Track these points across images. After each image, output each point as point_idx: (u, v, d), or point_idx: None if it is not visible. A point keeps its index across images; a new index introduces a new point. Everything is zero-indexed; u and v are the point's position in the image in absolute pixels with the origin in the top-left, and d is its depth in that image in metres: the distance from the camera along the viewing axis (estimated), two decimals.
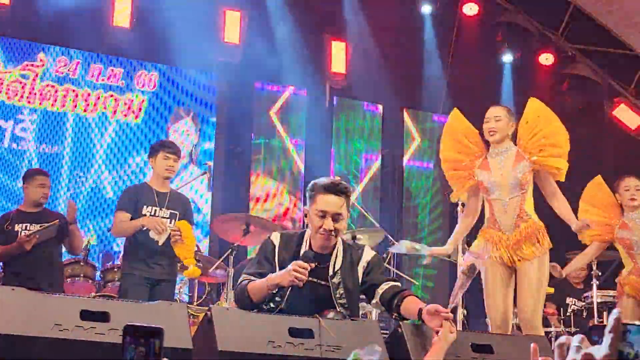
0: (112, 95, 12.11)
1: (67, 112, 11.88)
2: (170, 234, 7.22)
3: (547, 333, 8.83)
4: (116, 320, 3.78)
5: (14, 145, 11.56)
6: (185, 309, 4.18)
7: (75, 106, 11.91)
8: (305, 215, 4.92)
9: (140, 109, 12.25)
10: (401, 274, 10.05)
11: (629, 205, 7.37)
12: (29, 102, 11.68)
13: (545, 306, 9.23)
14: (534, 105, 6.65)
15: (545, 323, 9.20)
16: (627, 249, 7.26)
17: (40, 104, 11.74)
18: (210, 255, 10.62)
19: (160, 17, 11.83)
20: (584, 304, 8.97)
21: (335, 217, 4.76)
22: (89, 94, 12.00)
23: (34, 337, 3.62)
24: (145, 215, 7.38)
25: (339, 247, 4.90)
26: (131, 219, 7.42)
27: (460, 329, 7.53)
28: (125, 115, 12.16)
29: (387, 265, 9.29)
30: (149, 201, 7.44)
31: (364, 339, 4.27)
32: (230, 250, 8.11)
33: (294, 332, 4.14)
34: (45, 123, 11.76)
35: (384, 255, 9.14)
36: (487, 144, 6.59)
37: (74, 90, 11.93)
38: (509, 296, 6.33)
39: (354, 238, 8.67)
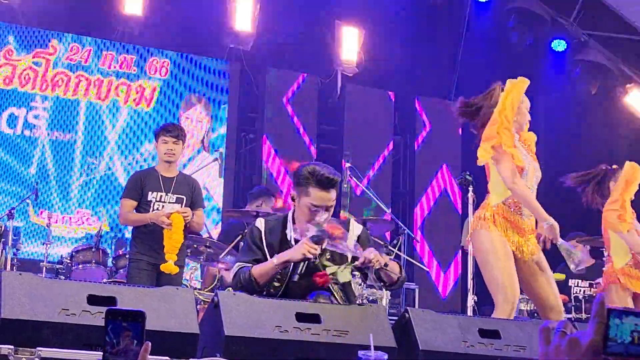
0: (124, 83, 12.13)
1: (79, 100, 11.91)
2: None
3: None
4: (123, 305, 3.79)
5: (27, 132, 11.61)
6: (192, 293, 4.20)
7: (88, 93, 11.94)
8: (293, 199, 4.89)
9: (152, 96, 12.27)
10: (412, 260, 10.05)
11: None
12: (41, 89, 11.73)
13: None
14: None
15: None
16: None
17: (52, 91, 11.78)
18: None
19: (172, 4, 11.86)
20: (595, 289, 8.96)
21: (328, 209, 4.79)
22: (101, 82, 12.02)
23: (41, 322, 3.64)
24: (151, 201, 7.36)
25: None
26: (138, 205, 7.40)
27: (471, 314, 7.54)
28: (138, 103, 12.18)
29: (398, 252, 9.30)
30: (155, 187, 7.39)
31: (371, 324, 4.28)
32: (240, 236, 8.08)
33: (301, 317, 4.15)
34: (58, 110, 11.80)
35: (395, 242, 9.16)
36: None
37: (86, 78, 11.96)
38: (515, 270, 6.17)
39: (364, 224, 8.66)
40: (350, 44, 12.92)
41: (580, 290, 9.26)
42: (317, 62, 13.03)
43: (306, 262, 4.72)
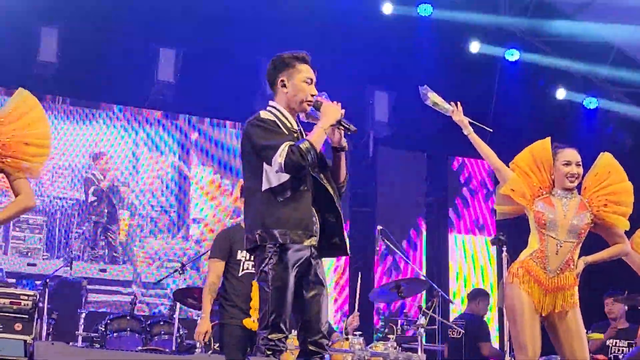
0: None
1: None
2: None
3: None
4: None
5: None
6: None
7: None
8: (284, 85, 5.09)
9: (185, 161, 12.41)
10: (447, 322, 9.92)
11: None
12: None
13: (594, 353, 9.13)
14: (606, 160, 6.52)
15: None
16: None
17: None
18: None
19: (202, 70, 11.95)
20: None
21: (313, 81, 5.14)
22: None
23: None
24: (240, 260, 7.00)
25: None
26: (225, 264, 6.96)
27: None
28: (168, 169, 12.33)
29: (433, 314, 9.16)
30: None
31: None
32: None
33: None
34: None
35: (429, 304, 9.05)
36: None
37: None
38: (539, 328, 6.14)
39: (398, 287, 8.59)
40: (381, 106, 12.97)
41: (618, 350, 9.11)
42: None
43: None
